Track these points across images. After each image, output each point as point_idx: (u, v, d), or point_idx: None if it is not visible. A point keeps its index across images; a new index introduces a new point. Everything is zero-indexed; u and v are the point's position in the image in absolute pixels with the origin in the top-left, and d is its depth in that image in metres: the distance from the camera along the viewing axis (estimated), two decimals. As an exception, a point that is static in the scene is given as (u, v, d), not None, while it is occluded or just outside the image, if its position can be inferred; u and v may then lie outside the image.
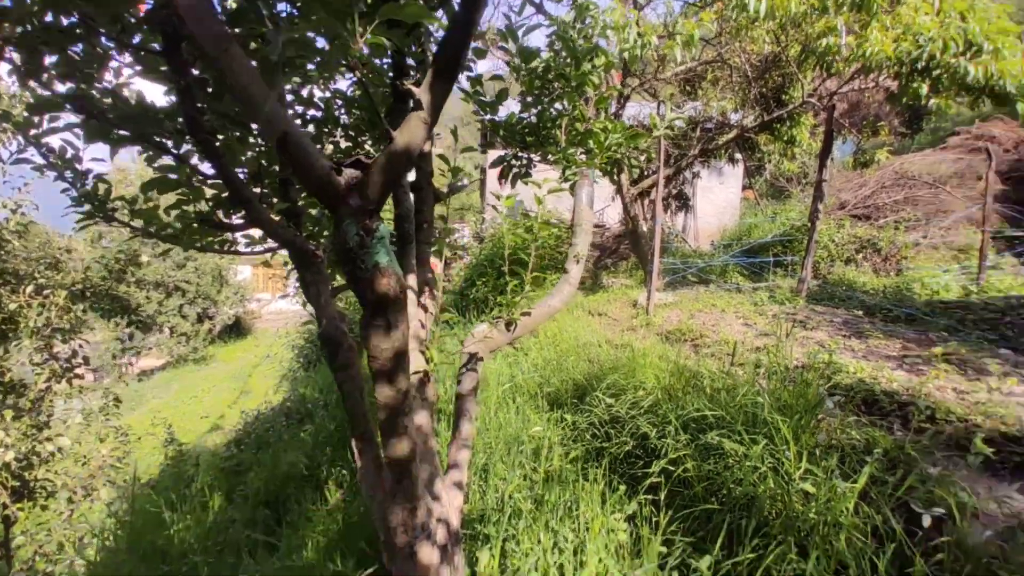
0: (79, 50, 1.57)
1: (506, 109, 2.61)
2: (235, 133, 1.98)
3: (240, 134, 2.00)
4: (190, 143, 1.84)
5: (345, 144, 2.45)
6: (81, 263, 5.92)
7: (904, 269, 9.30)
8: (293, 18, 1.61)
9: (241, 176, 1.96)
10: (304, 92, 2.28)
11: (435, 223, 2.46)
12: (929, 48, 5.67)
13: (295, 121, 1.86)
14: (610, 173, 2.56)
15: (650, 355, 4.13)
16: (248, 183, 2.11)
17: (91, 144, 1.74)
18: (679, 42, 4.58)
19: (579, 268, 2.39)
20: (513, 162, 2.74)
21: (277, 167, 2.18)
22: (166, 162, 1.88)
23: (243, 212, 1.86)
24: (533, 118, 2.64)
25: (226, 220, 2.05)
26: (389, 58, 2.04)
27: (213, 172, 1.83)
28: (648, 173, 9.62)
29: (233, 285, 23.16)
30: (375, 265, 1.31)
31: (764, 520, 2.67)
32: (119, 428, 5.54)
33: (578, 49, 2.20)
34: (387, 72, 2.05)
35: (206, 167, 1.88)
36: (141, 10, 1.52)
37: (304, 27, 1.42)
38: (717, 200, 17.44)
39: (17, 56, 1.54)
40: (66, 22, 1.50)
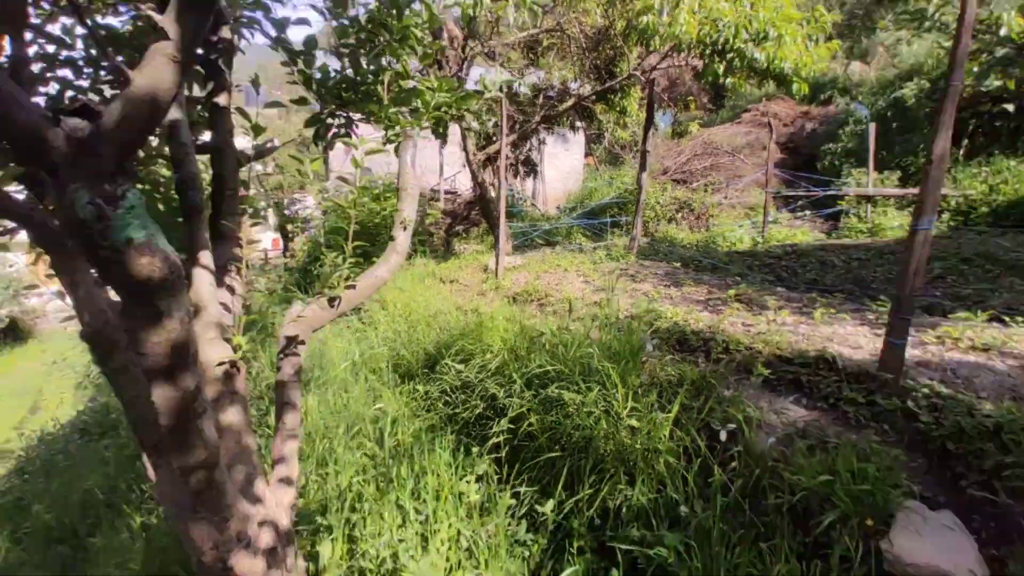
0: None
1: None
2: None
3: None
4: None
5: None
6: None
7: (712, 226, 10.83)
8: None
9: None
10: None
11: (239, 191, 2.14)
12: (725, 33, 6.47)
13: None
14: (441, 135, 2.46)
15: (498, 318, 4.23)
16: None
17: None
18: (511, 3, 4.57)
19: (406, 235, 2.29)
20: (330, 121, 2.50)
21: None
22: None
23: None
24: (350, 72, 2.42)
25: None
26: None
27: None
28: (496, 139, 9.72)
29: (1, 278, 18.46)
30: (128, 242, 1.06)
31: (600, 458, 2.93)
32: None
33: (400, -2, 2.03)
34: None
35: None
36: None
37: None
38: (563, 166, 18.39)
39: None
40: None
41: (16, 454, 6.17)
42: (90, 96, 1.73)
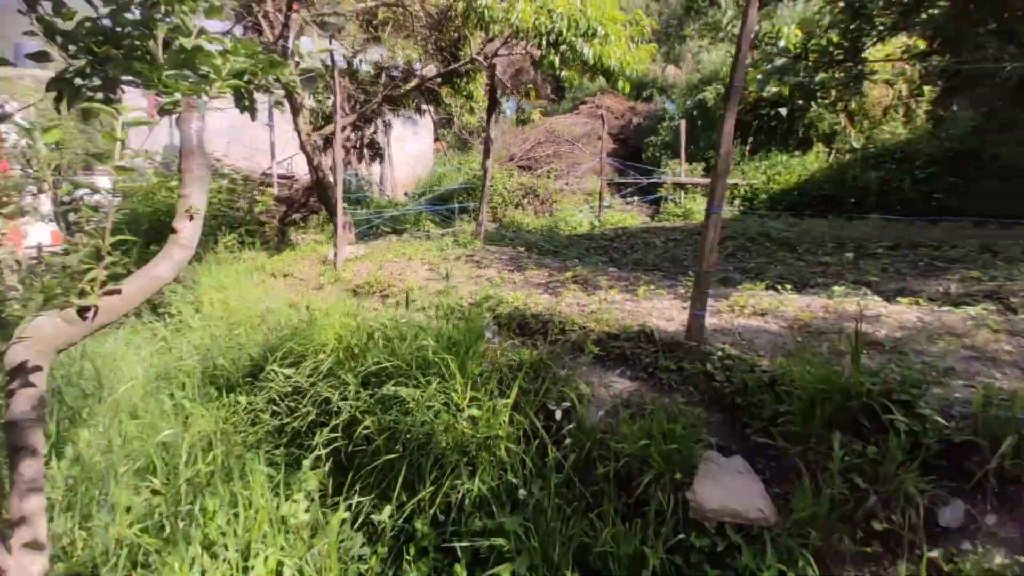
0: None
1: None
2: None
3: None
4: None
5: None
6: None
7: (555, 211, 11.43)
8: None
9: None
10: None
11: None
12: (559, 24, 6.73)
13: None
14: (247, 108, 2.08)
15: (334, 313, 3.89)
16: None
17: None
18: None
19: (193, 226, 1.91)
20: (79, 81, 1.99)
21: None
22: None
23: None
24: (107, 20, 1.93)
25: None
26: None
27: None
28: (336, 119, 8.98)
29: None
30: None
31: (441, 452, 2.85)
32: None
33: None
34: None
35: None
36: None
37: None
38: (411, 151, 17.88)
39: None
40: None
41: None
42: None
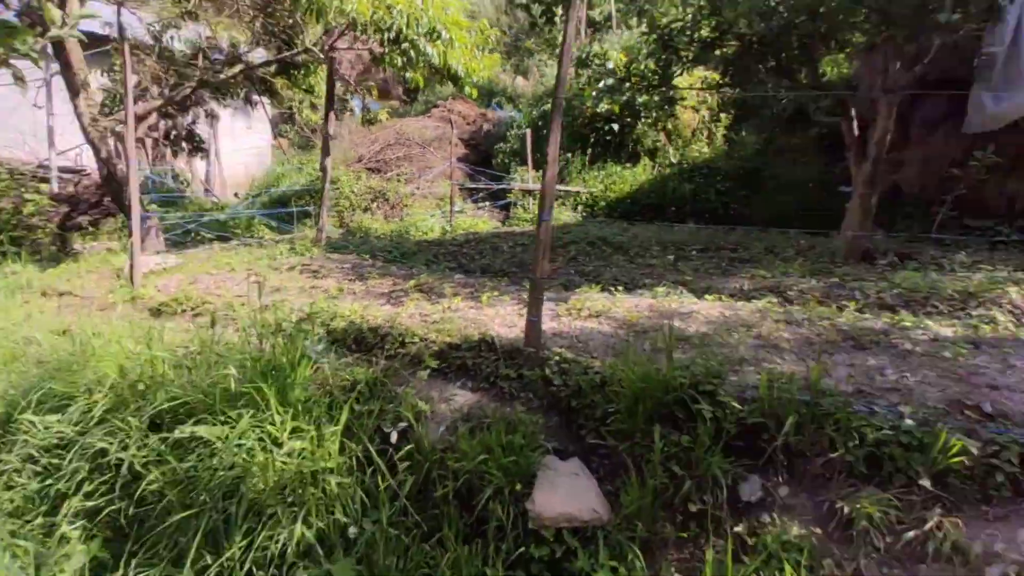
0: None
1: None
2: None
3: None
4: None
5: None
6: None
7: (406, 215, 11.11)
8: None
9: None
10: None
11: None
12: (399, 21, 6.47)
13: None
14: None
15: (116, 340, 3.19)
16: None
17: None
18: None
19: None
20: None
21: None
22: None
23: None
24: None
25: None
26: None
27: None
28: (146, 102, 7.56)
29: None
30: None
31: (257, 498, 2.46)
32: None
33: None
34: None
35: None
36: None
37: None
38: (245, 147, 16.04)
39: None
40: None
41: None
42: None
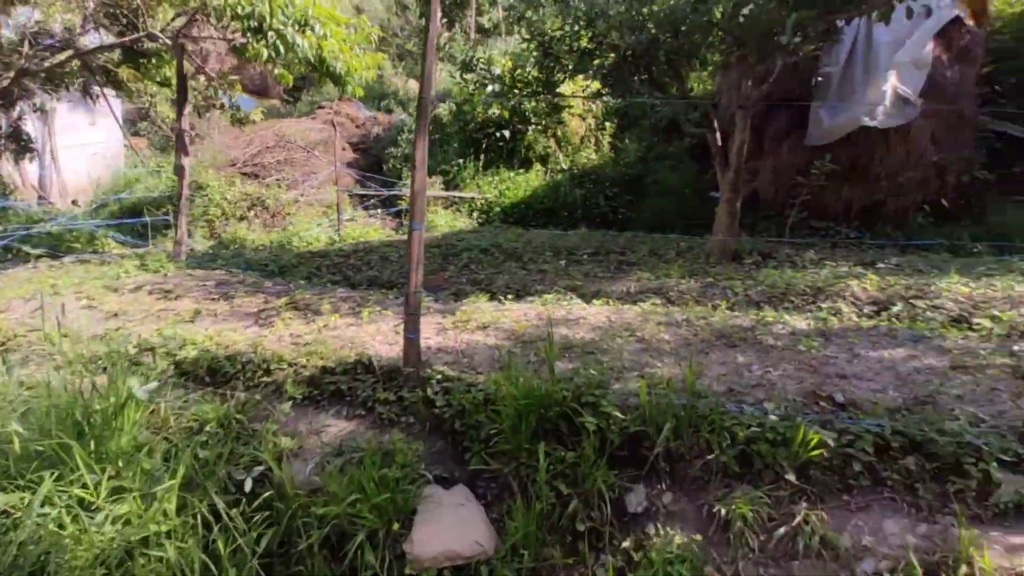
0: None
1: None
2: None
3: None
4: None
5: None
6: None
7: (289, 224, 10.26)
8: None
9: None
10: None
11: None
12: (260, 7, 5.86)
13: None
14: None
15: None
16: None
17: None
18: None
19: None
20: None
21: None
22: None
23: None
24: None
25: None
26: None
27: None
28: None
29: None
30: None
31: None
32: None
33: None
34: None
35: None
36: None
37: None
38: (88, 147, 13.89)
39: None
40: None
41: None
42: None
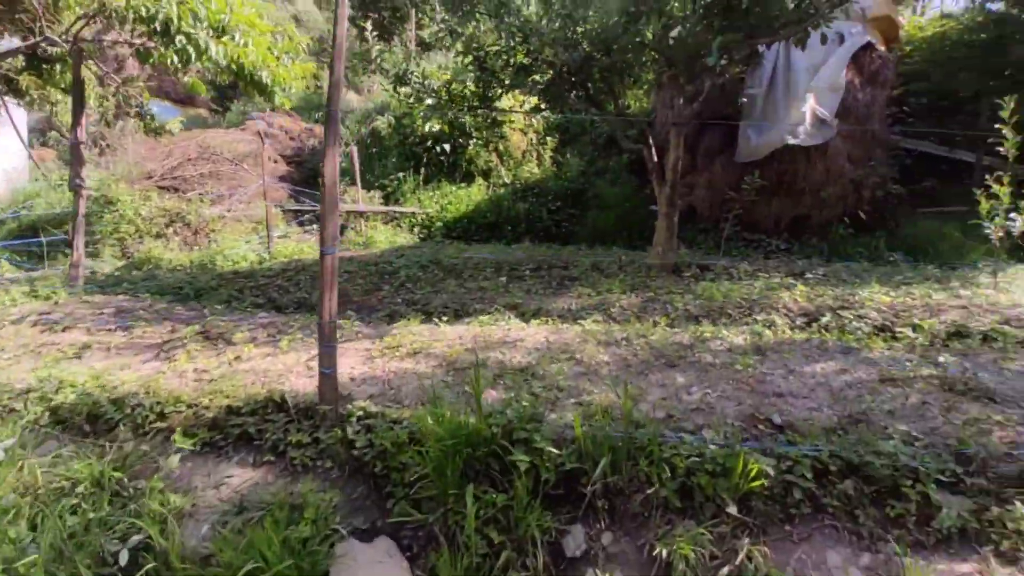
0: None
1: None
2: None
3: None
4: None
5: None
6: None
7: (213, 242, 9.56)
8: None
9: None
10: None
11: None
12: (167, 10, 5.40)
13: None
14: None
15: None
16: None
17: None
18: None
19: None
20: None
21: None
22: None
23: None
24: None
25: None
26: None
27: None
28: None
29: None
30: None
31: None
32: None
33: None
34: None
35: None
36: None
37: None
38: (-19, 159, 12.49)
39: None
40: None
41: None
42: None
